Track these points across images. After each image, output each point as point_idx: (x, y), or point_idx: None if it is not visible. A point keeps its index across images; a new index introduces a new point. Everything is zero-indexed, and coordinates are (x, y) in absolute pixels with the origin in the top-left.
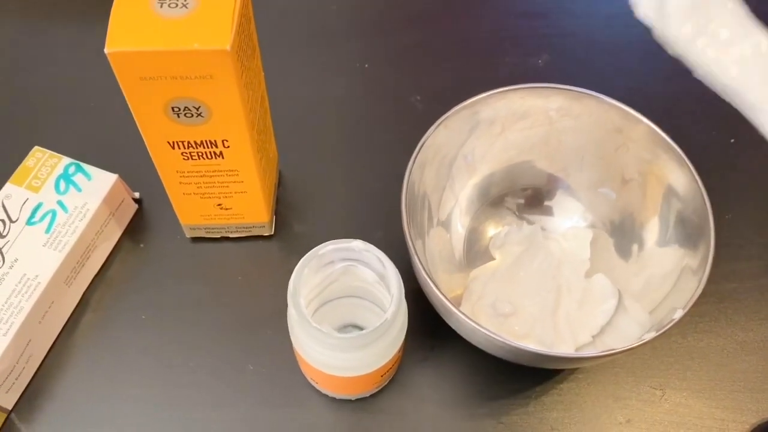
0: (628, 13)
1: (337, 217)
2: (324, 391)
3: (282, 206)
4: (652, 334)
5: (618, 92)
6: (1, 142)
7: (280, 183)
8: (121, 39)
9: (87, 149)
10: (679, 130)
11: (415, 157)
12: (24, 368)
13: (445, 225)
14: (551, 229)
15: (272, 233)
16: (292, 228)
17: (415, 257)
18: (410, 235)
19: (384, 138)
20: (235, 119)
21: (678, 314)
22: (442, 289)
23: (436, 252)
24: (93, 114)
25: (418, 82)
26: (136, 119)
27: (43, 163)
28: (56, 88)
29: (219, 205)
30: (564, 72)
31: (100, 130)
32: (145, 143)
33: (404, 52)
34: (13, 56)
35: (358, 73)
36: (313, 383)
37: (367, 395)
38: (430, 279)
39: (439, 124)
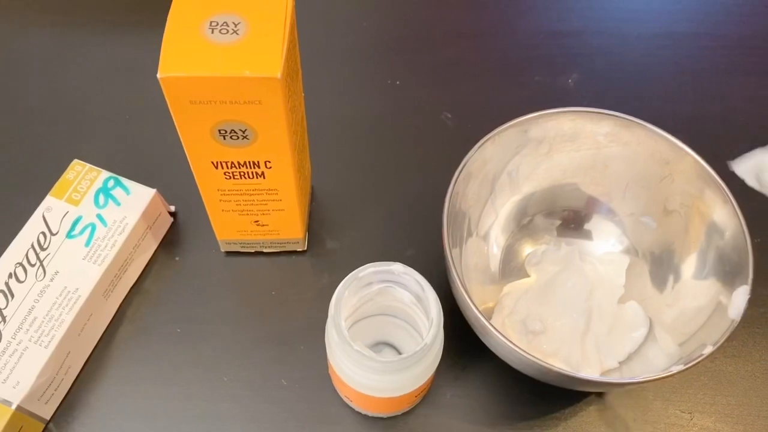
0: (658, 33)
1: (369, 233)
2: (357, 408)
3: (314, 221)
4: (680, 367)
5: (646, 112)
6: (41, 154)
7: (313, 198)
8: (173, 64)
9: (122, 161)
10: (707, 152)
11: (461, 170)
12: (63, 379)
13: (483, 238)
14: (588, 252)
15: (305, 249)
16: (325, 243)
17: (452, 268)
18: (449, 246)
19: (414, 154)
20: (279, 142)
21: (707, 350)
22: (474, 301)
23: (472, 263)
24: (128, 127)
25: (448, 100)
26: (182, 140)
27: (82, 176)
28: (94, 102)
29: (256, 221)
30: (594, 92)
31: (136, 143)
32: (189, 162)
33: (435, 70)
34: (54, 69)
35: (389, 89)
36: (346, 400)
37: (400, 413)
38: (465, 290)
39: (487, 140)
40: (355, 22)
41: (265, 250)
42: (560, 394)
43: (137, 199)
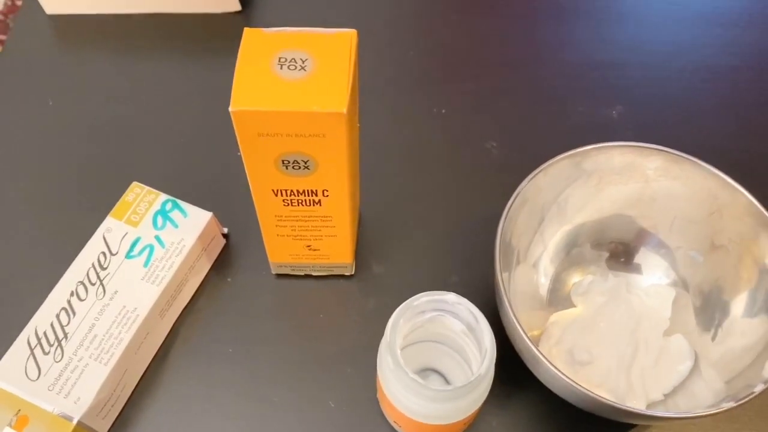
0: (700, 67)
1: (414, 259)
2: None
3: (361, 247)
4: (731, 404)
5: (689, 145)
6: (102, 176)
7: (361, 224)
8: (244, 98)
9: (178, 184)
10: (755, 190)
11: (515, 198)
12: (119, 396)
13: (532, 266)
14: (634, 283)
15: (353, 273)
16: (372, 268)
17: (503, 294)
18: (500, 270)
19: (460, 183)
20: (338, 172)
21: (759, 388)
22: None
23: (519, 290)
24: (184, 151)
25: (493, 129)
26: (246, 168)
27: (141, 198)
28: (153, 125)
29: (309, 246)
30: (637, 123)
31: (190, 166)
32: (251, 189)
33: (480, 99)
34: (113, 92)
35: (435, 118)
36: (394, 425)
37: None
38: (515, 318)
39: (541, 170)
40: (401, 52)
41: (314, 274)
42: (604, 423)
43: (194, 221)
